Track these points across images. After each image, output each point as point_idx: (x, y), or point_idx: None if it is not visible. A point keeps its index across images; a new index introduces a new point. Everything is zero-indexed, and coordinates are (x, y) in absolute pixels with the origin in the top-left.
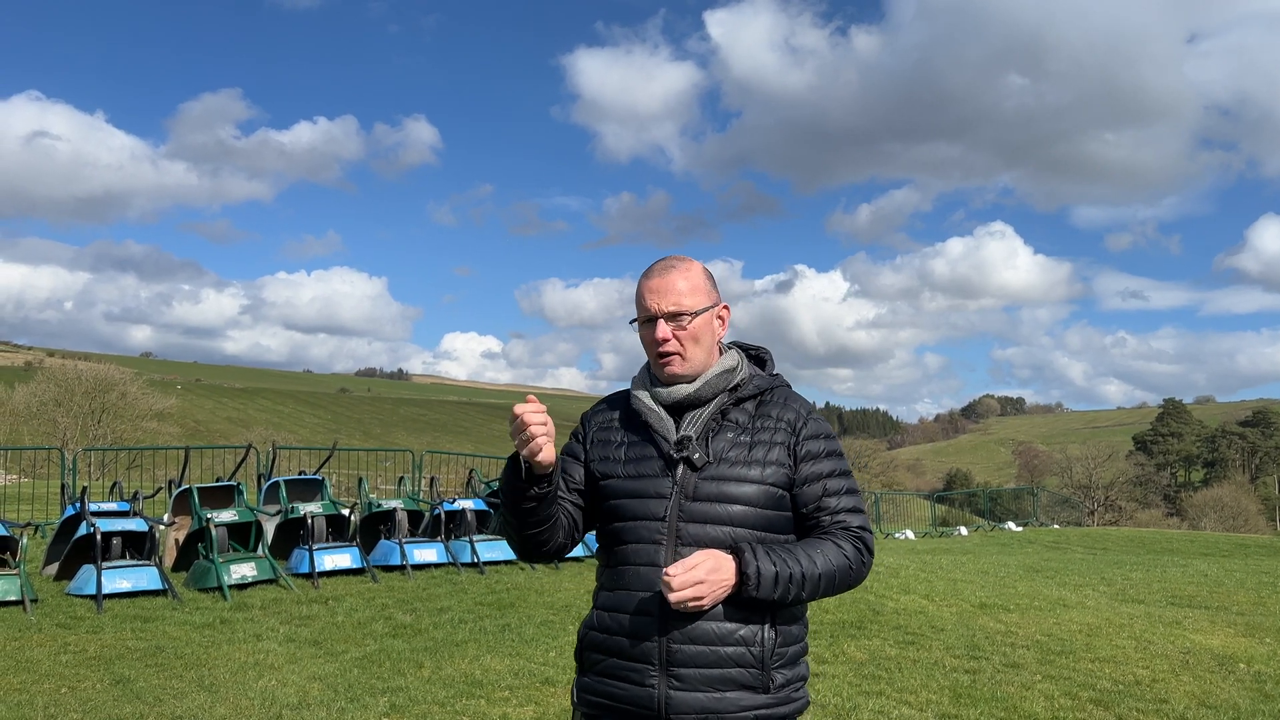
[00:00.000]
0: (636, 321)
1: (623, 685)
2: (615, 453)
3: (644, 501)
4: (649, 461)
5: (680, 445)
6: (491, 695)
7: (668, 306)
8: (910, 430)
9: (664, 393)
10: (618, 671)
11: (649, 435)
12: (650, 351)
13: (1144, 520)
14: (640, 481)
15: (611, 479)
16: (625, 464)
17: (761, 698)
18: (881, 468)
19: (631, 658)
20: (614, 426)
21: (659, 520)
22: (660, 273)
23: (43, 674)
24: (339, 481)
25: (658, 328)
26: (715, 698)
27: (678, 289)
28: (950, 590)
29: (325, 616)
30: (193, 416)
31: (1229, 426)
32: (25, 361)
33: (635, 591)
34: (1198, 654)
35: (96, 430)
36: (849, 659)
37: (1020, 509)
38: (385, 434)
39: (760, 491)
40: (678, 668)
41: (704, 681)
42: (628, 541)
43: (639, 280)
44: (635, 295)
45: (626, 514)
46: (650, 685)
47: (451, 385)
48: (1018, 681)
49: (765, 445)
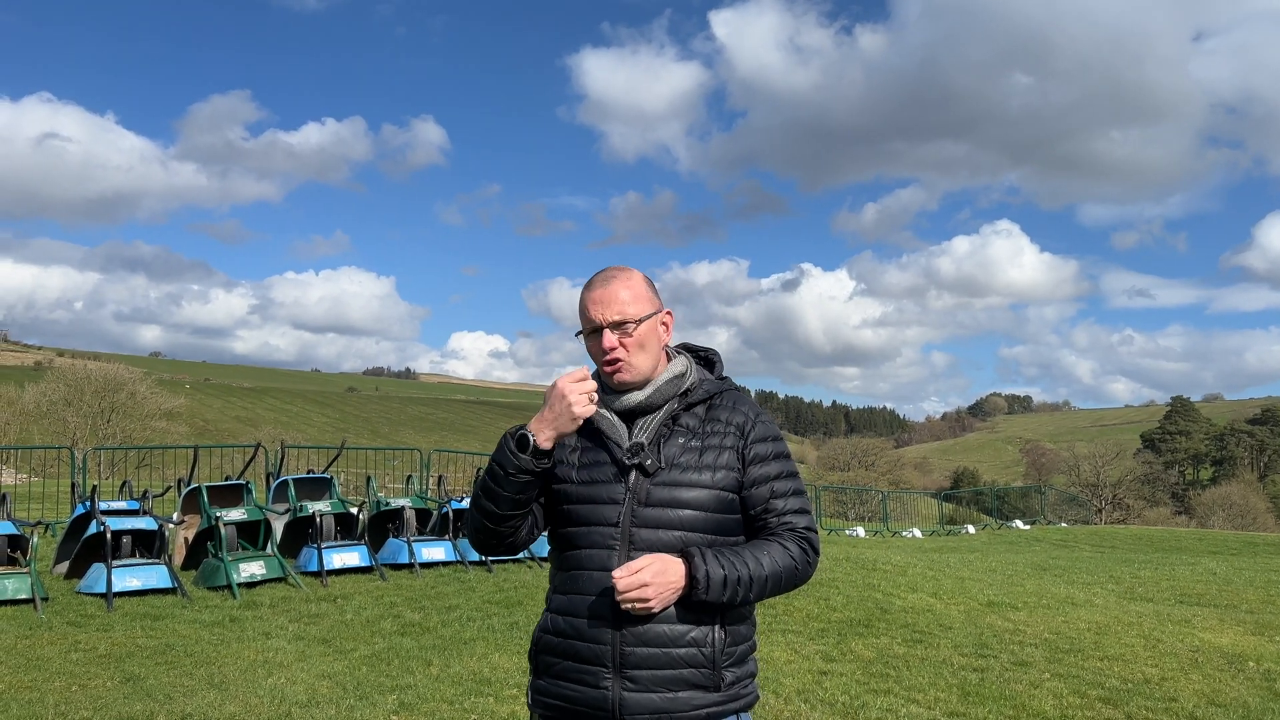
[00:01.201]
0: (582, 334)
1: (577, 688)
2: (569, 457)
3: (597, 507)
4: (602, 467)
5: (633, 452)
6: (500, 693)
7: (612, 316)
8: (917, 429)
9: (616, 400)
10: (572, 674)
11: (601, 441)
12: (597, 361)
13: (1152, 518)
14: (593, 487)
15: (565, 484)
16: (579, 469)
17: (712, 696)
18: (888, 466)
19: (585, 660)
20: (577, 432)
21: (612, 525)
22: (602, 283)
23: (54, 672)
24: (347, 480)
25: (604, 337)
26: (668, 698)
27: (620, 298)
28: (958, 588)
29: (334, 615)
30: (201, 416)
31: (1237, 424)
32: (35, 361)
33: (588, 595)
34: (1207, 652)
35: (106, 429)
36: (857, 657)
37: (1028, 507)
38: (393, 433)
39: (711, 496)
40: (631, 670)
41: (657, 682)
42: (581, 546)
43: (581, 293)
44: (579, 308)
45: (579, 519)
46: (604, 687)
47: (459, 384)
48: (1026, 680)
49: (715, 450)
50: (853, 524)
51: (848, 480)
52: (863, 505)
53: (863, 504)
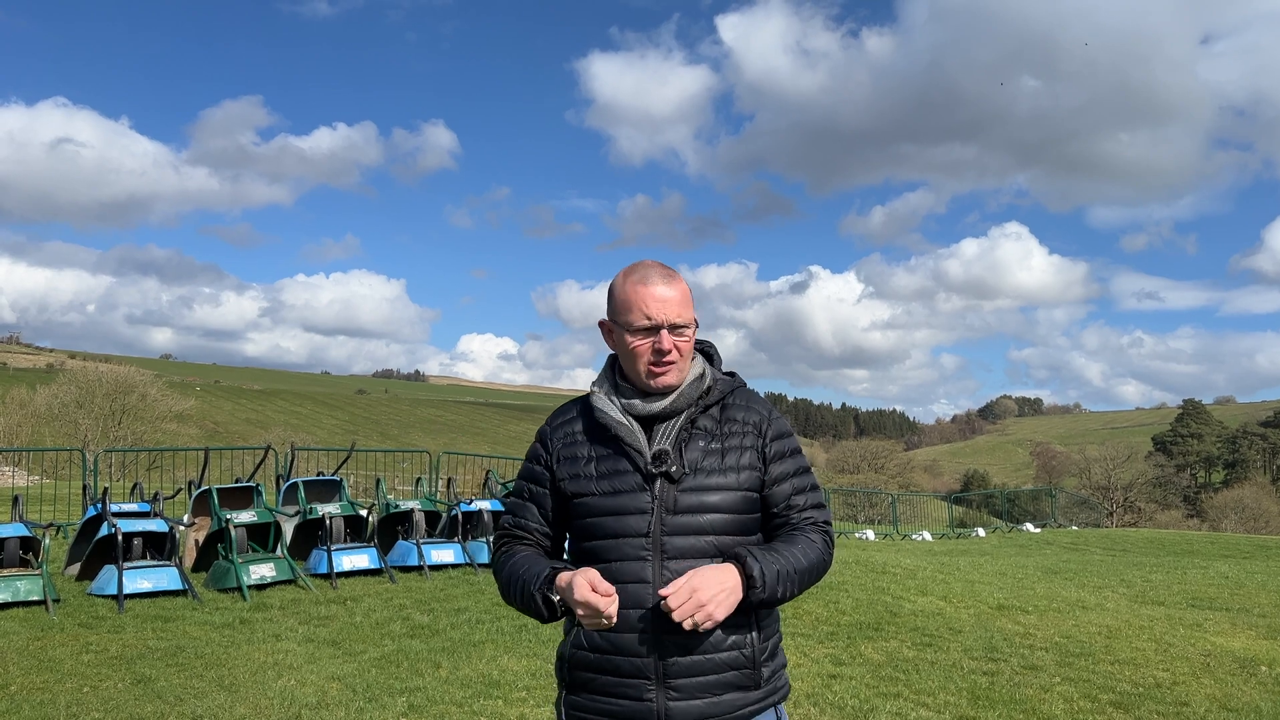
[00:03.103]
0: (624, 327)
1: (619, 702)
2: (585, 469)
3: (624, 518)
4: (624, 476)
5: (659, 459)
6: (509, 695)
7: (673, 317)
8: (927, 431)
9: (639, 405)
10: (613, 689)
11: (620, 449)
12: (641, 359)
13: (1164, 521)
14: (618, 498)
15: (586, 496)
16: (599, 480)
17: (753, 694)
18: (898, 469)
19: (626, 674)
20: (579, 440)
21: (643, 536)
22: (664, 281)
23: (65, 673)
24: (357, 482)
25: (662, 338)
26: (712, 702)
27: (679, 301)
28: (968, 592)
29: (343, 617)
30: (212, 418)
31: (1250, 427)
32: (47, 364)
33: (625, 609)
34: (1219, 656)
35: (117, 431)
36: (866, 660)
37: (1038, 510)
38: (402, 435)
39: (737, 497)
40: (675, 679)
41: (700, 689)
42: (611, 559)
43: (630, 284)
44: (626, 299)
45: (607, 531)
46: (648, 699)
47: (468, 386)
48: (1036, 683)
49: (736, 451)
50: (862, 527)
51: (857, 483)
52: (872, 508)
53: (872, 506)
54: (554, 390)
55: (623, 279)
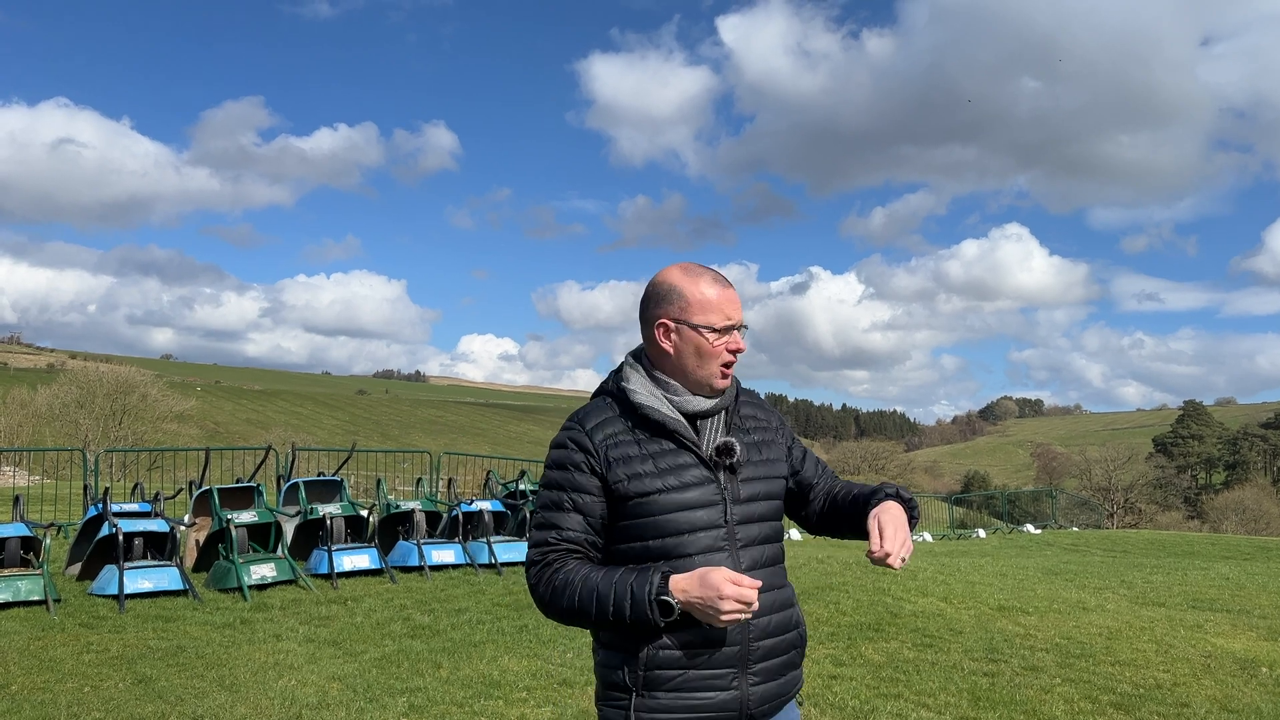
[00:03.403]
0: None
1: (704, 695)
2: (643, 466)
3: (697, 512)
4: (689, 470)
5: (725, 451)
6: (509, 696)
7: (741, 320)
8: (928, 432)
9: (687, 402)
10: (698, 683)
11: (680, 444)
12: (718, 359)
13: (1164, 523)
14: (686, 493)
15: (652, 494)
16: (662, 475)
17: (799, 672)
18: (899, 469)
19: (718, 665)
20: (628, 441)
21: (719, 528)
22: (729, 285)
23: (66, 673)
24: (357, 483)
25: (735, 339)
26: (780, 683)
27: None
28: (968, 592)
29: (344, 617)
30: (212, 418)
31: (1250, 428)
32: (48, 364)
33: None
34: (1219, 658)
35: (118, 431)
36: (867, 661)
37: (1039, 511)
38: (403, 435)
39: (779, 485)
40: (756, 664)
41: (774, 671)
42: (692, 553)
43: (702, 285)
44: (704, 299)
45: (683, 526)
46: (734, 688)
47: (469, 387)
48: (1037, 684)
49: (767, 444)
50: None
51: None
52: None
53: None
54: (554, 391)
55: (691, 280)
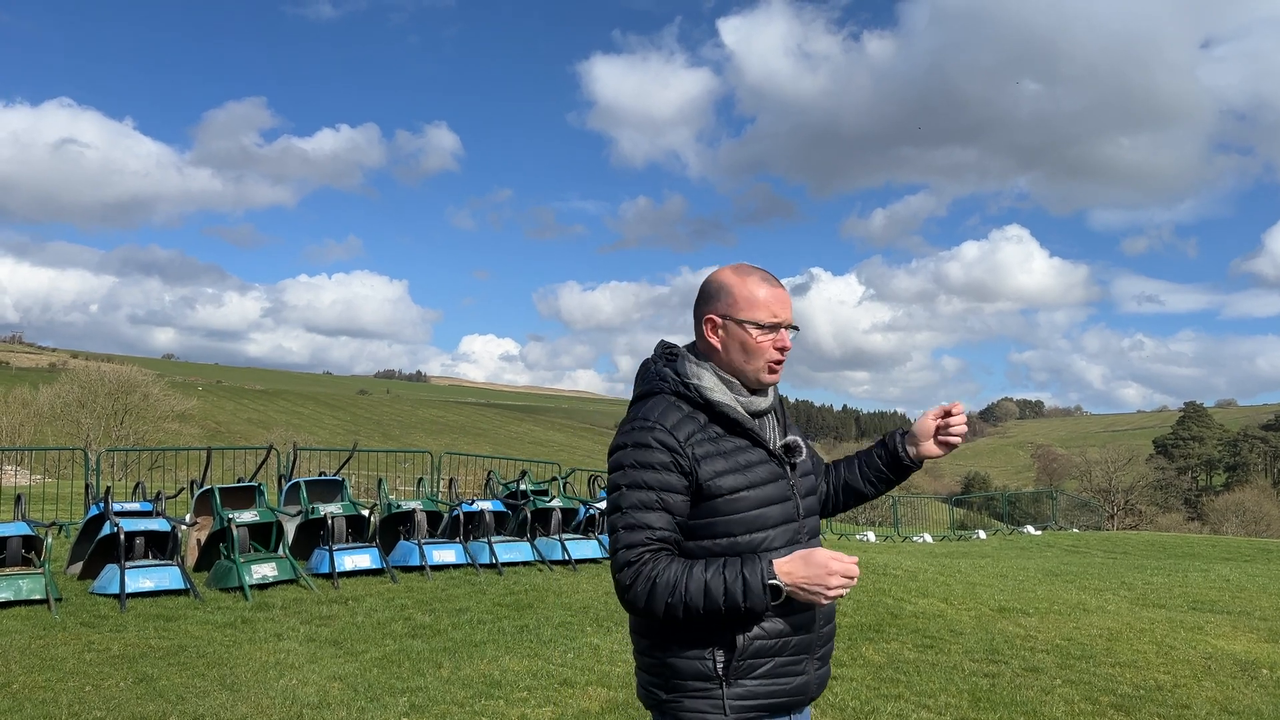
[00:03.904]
0: (750, 323)
1: (787, 680)
2: (724, 464)
3: (779, 507)
4: (764, 466)
5: (792, 450)
6: (510, 696)
7: (791, 319)
8: None
9: (751, 402)
10: (783, 669)
11: (756, 441)
12: (765, 356)
13: (1164, 524)
14: (766, 488)
15: (742, 490)
16: (746, 471)
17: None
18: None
19: (797, 651)
20: (712, 437)
21: (794, 522)
22: (779, 284)
23: (67, 672)
24: (358, 482)
25: (783, 337)
26: (828, 668)
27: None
28: (969, 593)
29: (345, 616)
30: (214, 418)
31: (1251, 430)
32: (50, 363)
33: None
34: (1220, 659)
35: (119, 431)
36: (867, 662)
37: (1039, 512)
38: (404, 435)
39: (820, 480)
40: (819, 649)
41: (828, 657)
42: (779, 546)
43: (753, 282)
44: (753, 296)
45: (771, 520)
46: (806, 673)
47: (470, 387)
48: (1037, 686)
49: (804, 440)
50: (863, 528)
51: None
52: (873, 510)
53: (873, 508)
54: (555, 391)
55: (740, 278)
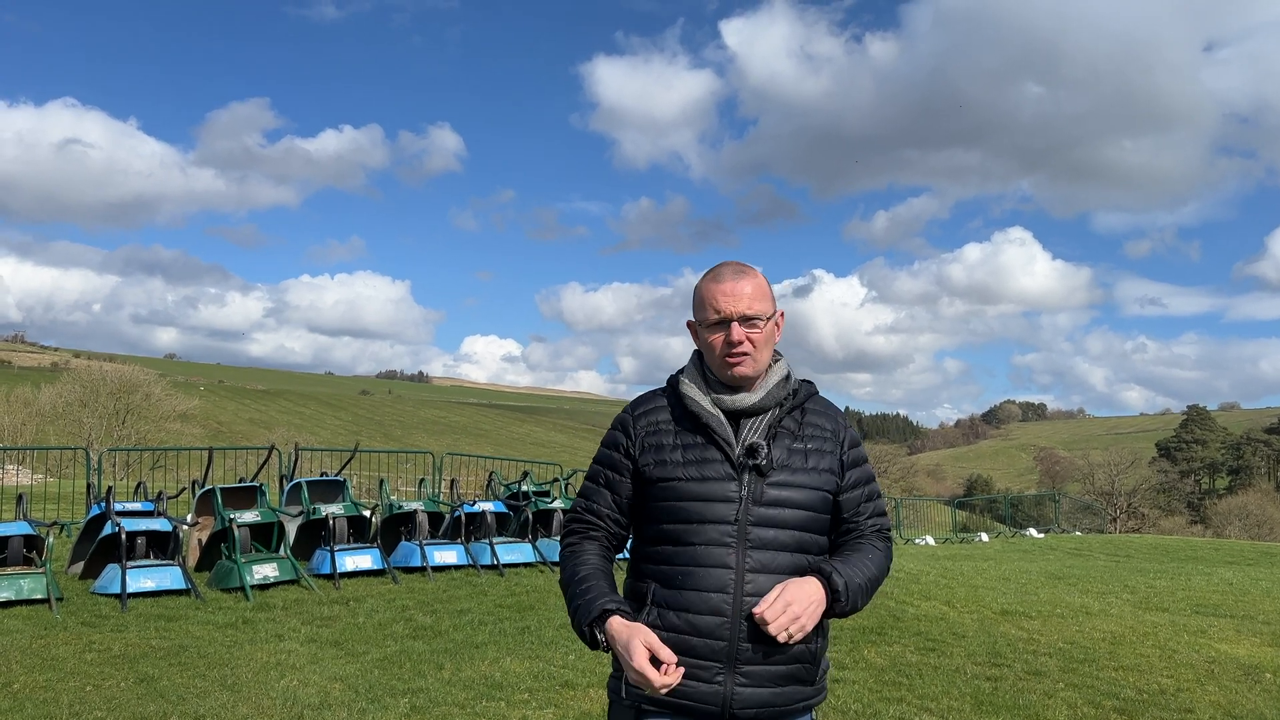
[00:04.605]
0: (697, 323)
1: (686, 683)
2: (673, 455)
3: (711, 505)
4: (714, 465)
5: (752, 452)
6: (511, 697)
7: (742, 309)
8: (930, 435)
9: (727, 400)
10: (685, 670)
11: (711, 439)
12: (717, 353)
13: (1167, 528)
14: (706, 485)
15: (673, 481)
16: (686, 466)
17: (808, 689)
18: (901, 473)
19: (701, 656)
20: (666, 429)
21: (729, 524)
22: (733, 277)
23: (68, 672)
24: (360, 483)
25: (733, 331)
26: (776, 693)
27: (749, 294)
28: (971, 596)
29: (346, 617)
30: (215, 418)
31: (1254, 433)
32: (52, 363)
33: (706, 592)
34: (1223, 663)
35: (121, 430)
36: (869, 665)
37: (1042, 515)
38: (406, 436)
39: (817, 498)
40: (745, 666)
41: (769, 678)
42: (696, 543)
43: (703, 283)
44: (699, 297)
45: (692, 516)
46: (718, 683)
47: (472, 388)
48: (1040, 689)
49: (818, 454)
50: None
51: None
52: None
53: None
54: (557, 392)
55: (701, 279)
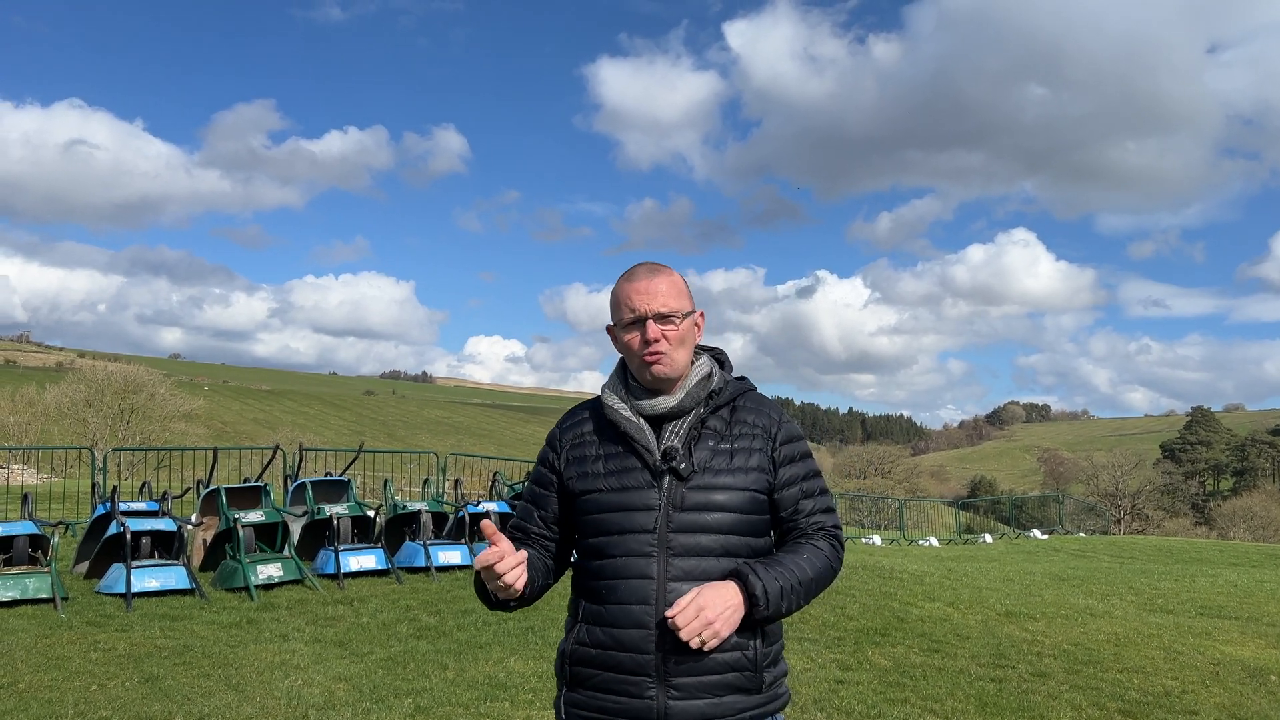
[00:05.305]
0: (614, 325)
1: (618, 699)
2: (593, 466)
3: (630, 514)
4: (633, 473)
5: (667, 456)
6: (515, 698)
7: (657, 307)
8: (934, 436)
9: (646, 405)
10: (613, 685)
11: (630, 447)
12: (635, 354)
13: (1172, 529)
14: (625, 494)
15: (593, 493)
16: (606, 477)
17: (754, 698)
18: (905, 474)
19: (628, 670)
20: (589, 440)
21: (648, 532)
22: (646, 275)
23: (73, 671)
24: (364, 483)
25: (648, 328)
26: (713, 703)
27: (665, 291)
28: (975, 598)
29: (350, 617)
30: (220, 418)
31: (1258, 435)
32: (57, 362)
33: (629, 605)
34: (1228, 665)
35: (126, 430)
36: (874, 666)
37: (1045, 516)
38: (410, 436)
39: (744, 498)
40: (676, 678)
41: (702, 689)
42: (616, 555)
43: (618, 284)
44: (615, 299)
45: (613, 527)
46: (649, 697)
47: (475, 388)
48: (1044, 691)
49: (745, 452)
50: (869, 532)
51: (864, 488)
52: (879, 513)
53: (879, 512)
54: (561, 392)
55: (617, 283)
